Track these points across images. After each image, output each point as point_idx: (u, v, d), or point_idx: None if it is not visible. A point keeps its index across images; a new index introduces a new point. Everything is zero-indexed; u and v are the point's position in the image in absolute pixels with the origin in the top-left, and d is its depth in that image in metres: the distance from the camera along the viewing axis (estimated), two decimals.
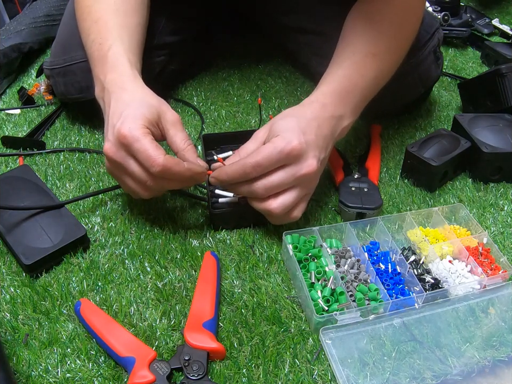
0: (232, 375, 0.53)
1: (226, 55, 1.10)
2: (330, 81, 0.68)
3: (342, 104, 0.66)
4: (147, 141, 0.58)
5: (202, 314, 0.56)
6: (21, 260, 0.61)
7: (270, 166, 0.60)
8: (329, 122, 0.65)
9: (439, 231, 0.68)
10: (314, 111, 0.64)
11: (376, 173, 0.77)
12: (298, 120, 0.62)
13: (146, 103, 0.62)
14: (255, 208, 0.64)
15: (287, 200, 0.62)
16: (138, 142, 0.57)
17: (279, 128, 0.62)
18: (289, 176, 0.61)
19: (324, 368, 0.54)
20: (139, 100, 0.62)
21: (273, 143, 0.60)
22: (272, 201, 0.62)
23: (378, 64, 0.69)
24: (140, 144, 0.57)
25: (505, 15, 1.35)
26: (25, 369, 0.53)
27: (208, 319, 0.55)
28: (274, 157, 0.59)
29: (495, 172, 0.78)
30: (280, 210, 0.62)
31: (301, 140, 0.60)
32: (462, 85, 0.94)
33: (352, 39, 0.71)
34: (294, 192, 0.62)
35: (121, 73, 0.65)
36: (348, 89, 0.67)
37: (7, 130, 0.89)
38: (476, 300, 0.60)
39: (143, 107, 0.61)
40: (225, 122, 0.92)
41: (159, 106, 0.63)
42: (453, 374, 0.53)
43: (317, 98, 0.66)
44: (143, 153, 0.57)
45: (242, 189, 0.63)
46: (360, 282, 0.61)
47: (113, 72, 0.65)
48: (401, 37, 0.72)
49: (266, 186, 0.61)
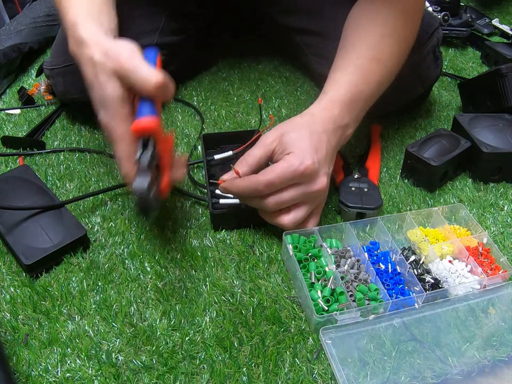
0: (232, 373, 0.53)
1: (226, 55, 1.10)
2: (338, 88, 0.68)
3: (348, 113, 0.67)
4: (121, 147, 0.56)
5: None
6: (21, 260, 0.61)
7: (282, 185, 0.61)
8: (336, 133, 0.65)
9: (439, 231, 0.68)
10: (324, 122, 0.64)
11: (376, 173, 0.77)
12: (311, 135, 0.62)
13: (106, 76, 0.56)
14: (267, 221, 0.65)
15: (298, 216, 0.63)
16: (114, 144, 0.57)
17: (291, 143, 0.62)
18: (300, 194, 0.62)
19: (324, 367, 0.54)
20: (96, 75, 0.57)
21: (286, 162, 0.60)
22: (284, 216, 0.63)
23: (382, 70, 0.70)
24: (114, 148, 0.57)
25: (505, 15, 1.35)
26: (25, 369, 0.53)
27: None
28: (287, 176, 0.60)
29: (495, 171, 0.78)
30: (292, 225, 0.63)
31: (314, 159, 0.61)
32: (462, 85, 0.94)
33: (355, 42, 0.71)
34: (305, 207, 0.63)
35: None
36: (355, 97, 0.67)
37: (7, 130, 0.89)
38: (475, 300, 0.60)
39: (112, 79, 0.55)
40: (225, 122, 0.92)
41: (127, 69, 0.55)
42: (453, 374, 0.53)
43: (326, 107, 0.66)
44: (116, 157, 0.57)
45: (252, 202, 0.64)
46: (360, 282, 0.61)
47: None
48: (403, 41, 0.72)
49: (277, 202, 0.62)
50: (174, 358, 0.54)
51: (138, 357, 0.54)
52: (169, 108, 0.95)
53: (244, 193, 0.63)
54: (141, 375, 0.53)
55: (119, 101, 0.55)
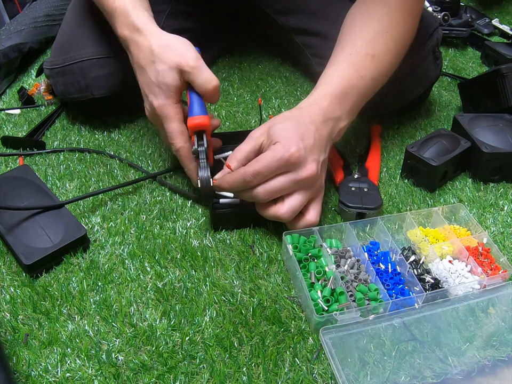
0: (232, 373, 0.53)
1: (226, 55, 1.10)
2: (329, 82, 0.68)
3: (339, 106, 0.67)
4: (174, 124, 0.67)
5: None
6: (21, 260, 0.61)
7: (270, 174, 0.61)
8: (327, 124, 0.65)
9: (439, 231, 0.68)
10: (312, 114, 0.65)
11: (376, 173, 0.77)
12: (297, 125, 0.63)
13: (168, 67, 0.65)
14: (264, 216, 0.65)
15: (293, 204, 0.63)
16: (166, 122, 0.67)
17: (277, 134, 0.62)
18: (289, 181, 0.62)
19: (324, 367, 0.54)
20: (160, 63, 0.66)
21: (272, 150, 0.61)
22: (279, 206, 0.63)
23: (376, 66, 0.70)
24: (167, 125, 0.67)
25: (505, 15, 1.35)
26: (25, 369, 0.53)
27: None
28: (273, 165, 0.60)
29: (495, 172, 0.78)
30: (289, 215, 0.63)
31: (300, 146, 0.61)
32: (462, 85, 0.94)
33: (350, 39, 0.71)
34: (299, 195, 0.63)
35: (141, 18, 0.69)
36: (346, 90, 0.67)
37: (7, 130, 0.89)
38: (475, 300, 0.60)
39: (173, 71, 0.65)
40: (225, 122, 0.92)
41: (193, 67, 0.65)
42: (453, 374, 0.53)
43: (315, 101, 0.66)
44: (168, 133, 0.67)
45: (245, 195, 0.64)
46: (360, 282, 0.61)
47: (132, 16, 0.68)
48: (399, 38, 0.72)
49: (267, 190, 0.62)
50: (174, 358, 0.54)
51: (138, 357, 0.54)
52: None
53: (234, 186, 0.63)
54: (141, 375, 0.53)
55: (175, 89, 0.66)
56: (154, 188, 0.77)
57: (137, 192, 0.76)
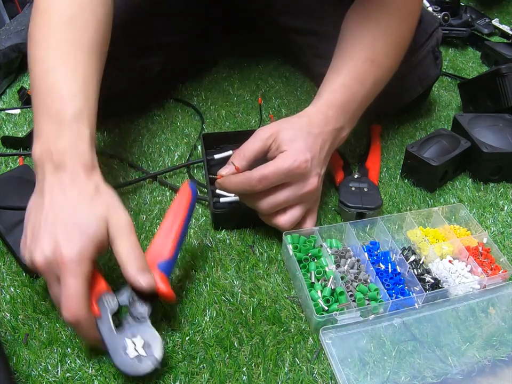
0: (232, 373, 0.53)
1: (226, 55, 1.10)
2: (332, 90, 0.68)
3: (342, 115, 0.67)
4: (78, 284, 0.48)
5: (160, 253, 0.53)
6: (21, 260, 0.61)
7: (275, 182, 0.61)
8: (331, 136, 0.66)
9: (439, 231, 0.68)
10: (319, 125, 0.65)
11: (376, 173, 0.77)
12: (306, 136, 0.63)
13: (94, 215, 0.51)
14: (265, 222, 0.66)
15: (294, 216, 0.64)
16: (70, 278, 0.48)
17: (286, 141, 0.62)
18: (293, 194, 0.63)
19: (324, 367, 0.54)
20: (88, 208, 0.52)
21: (281, 158, 0.61)
22: (280, 217, 0.64)
23: (376, 70, 0.70)
24: (70, 282, 0.48)
25: (505, 15, 1.35)
26: (25, 369, 0.53)
27: (164, 259, 0.53)
28: (281, 173, 0.61)
29: (495, 172, 0.78)
30: (289, 226, 0.64)
31: (307, 158, 0.62)
32: (462, 85, 0.94)
33: (350, 43, 0.71)
34: (300, 208, 0.64)
35: (77, 151, 0.56)
36: (349, 99, 0.68)
37: (7, 130, 0.89)
38: (475, 300, 0.60)
39: (91, 221, 0.50)
40: (225, 122, 0.92)
41: (107, 212, 0.52)
42: (453, 374, 0.53)
43: (321, 110, 0.66)
44: (66, 296, 0.48)
45: (248, 201, 0.65)
46: (360, 282, 0.61)
47: (67, 142, 0.55)
48: (398, 41, 0.72)
49: (271, 203, 0.63)
50: (174, 358, 0.54)
51: None
52: (169, 108, 0.95)
53: (238, 189, 0.63)
54: None
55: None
56: (154, 188, 0.77)
57: (137, 192, 0.76)
